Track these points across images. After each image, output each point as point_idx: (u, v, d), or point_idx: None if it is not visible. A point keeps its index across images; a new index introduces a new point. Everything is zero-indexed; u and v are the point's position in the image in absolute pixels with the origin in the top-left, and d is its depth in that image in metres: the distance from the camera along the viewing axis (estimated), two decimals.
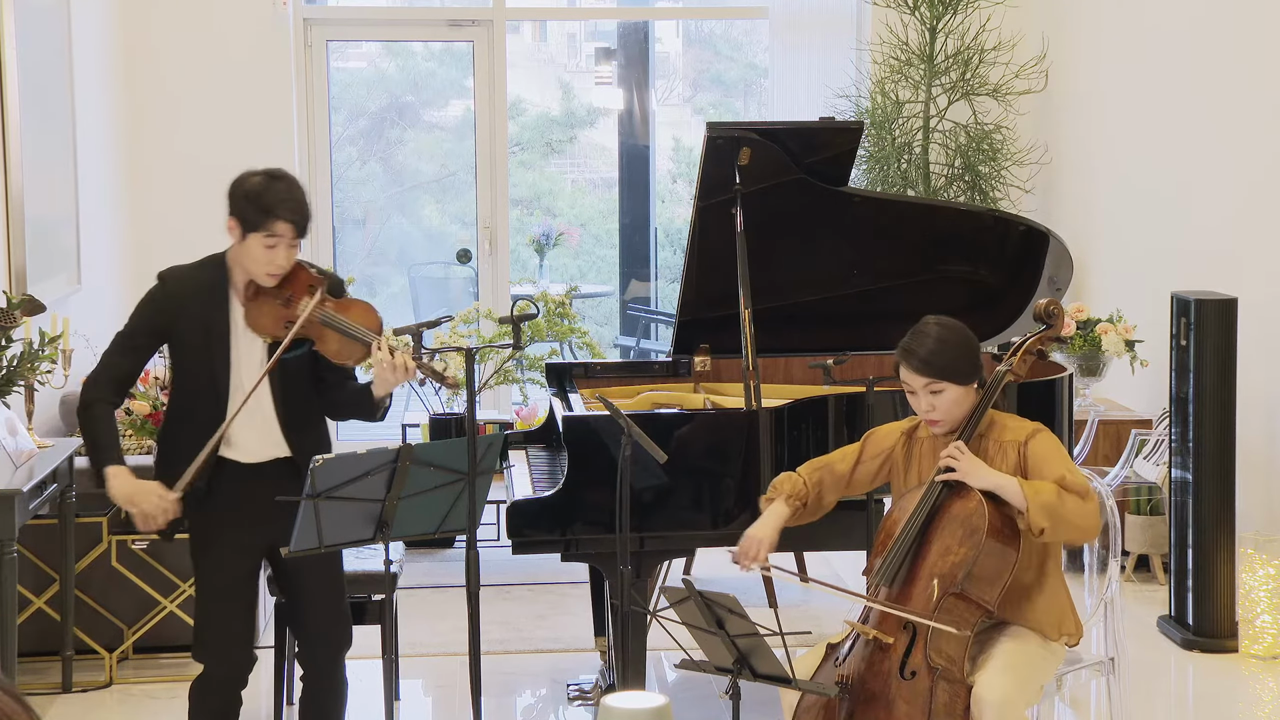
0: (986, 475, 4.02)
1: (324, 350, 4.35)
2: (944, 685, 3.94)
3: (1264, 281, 6.42)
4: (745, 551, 4.20)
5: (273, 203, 4.27)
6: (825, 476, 4.29)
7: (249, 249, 4.30)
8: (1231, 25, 6.76)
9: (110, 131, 8.02)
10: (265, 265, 4.30)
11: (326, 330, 4.34)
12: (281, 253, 4.29)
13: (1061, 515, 3.96)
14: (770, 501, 4.28)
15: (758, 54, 11.12)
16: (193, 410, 4.37)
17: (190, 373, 4.38)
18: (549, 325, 7.78)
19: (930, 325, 4.16)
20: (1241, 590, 6.01)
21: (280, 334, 4.33)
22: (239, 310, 4.36)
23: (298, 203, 4.30)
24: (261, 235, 4.27)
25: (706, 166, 5.32)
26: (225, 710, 4.46)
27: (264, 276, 4.32)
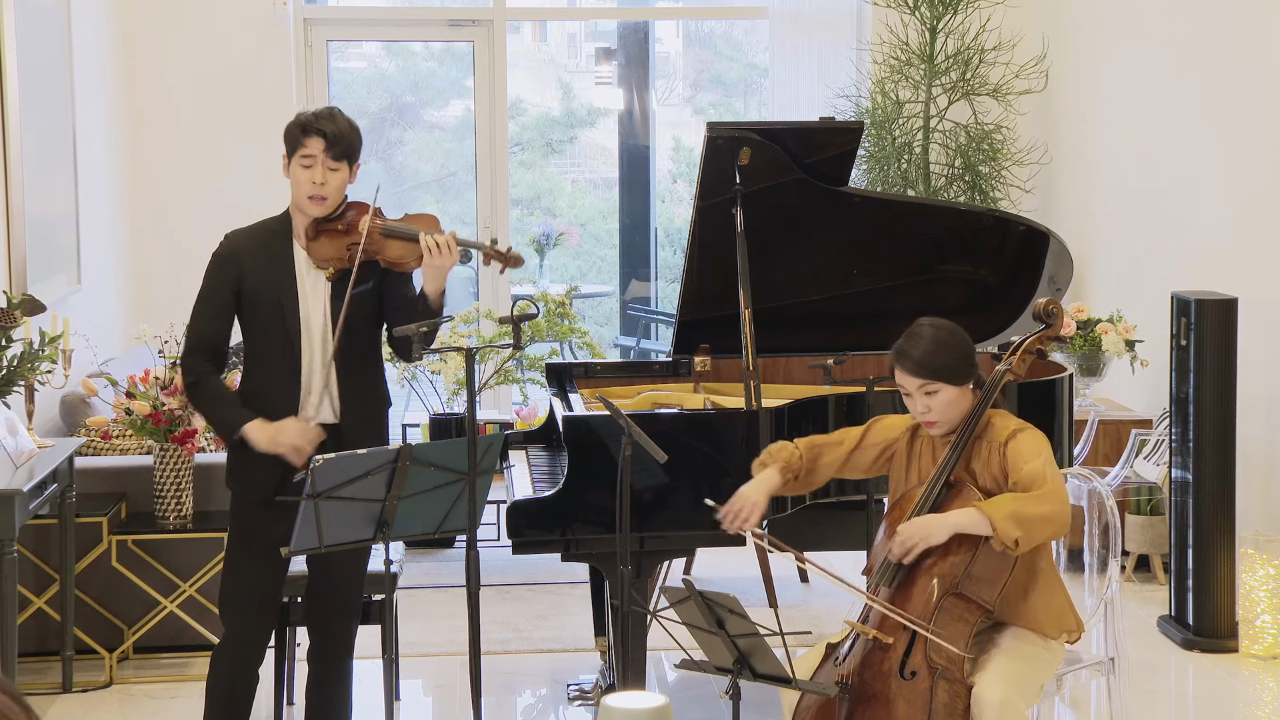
0: (940, 527, 3.98)
1: (386, 257, 4.44)
2: (944, 685, 3.94)
3: (1264, 281, 6.42)
4: (736, 511, 4.20)
5: (307, 120, 4.44)
6: (822, 453, 4.29)
7: (293, 176, 4.45)
8: (1231, 25, 6.76)
9: (110, 131, 8.02)
10: (306, 187, 4.41)
11: (387, 240, 4.45)
12: (319, 171, 4.40)
13: (1028, 521, 3.91)
14: (763, 467, 4.28)
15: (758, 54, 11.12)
16: (267, 360, 4.44)
17: (259, 319, 4.44)
18: (549, 325, 7.78)
19: (924, 327, 4.16)
20: (1241, 590, 6.01)
21: (343, 257, 4.43)
22: (301, 254, 4.46)
23: (333, 120, 4.44)
24: (299, 156, 4.42)
25: (706, 166, 5.32)
26: (241, 679, 4.52)
27: (306, 202, 4.41)
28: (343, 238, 4.45)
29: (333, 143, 4.41)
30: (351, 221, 4.47)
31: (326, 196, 4.42)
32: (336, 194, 4.45)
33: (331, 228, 4.46)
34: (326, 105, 4.58)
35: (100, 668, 5.81)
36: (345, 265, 4.44)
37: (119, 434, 6.16)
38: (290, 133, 4.48)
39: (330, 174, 4.42)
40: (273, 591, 4.54)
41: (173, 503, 5.77)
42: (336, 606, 4.59)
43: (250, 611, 4.49)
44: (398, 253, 4.46)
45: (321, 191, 4.41)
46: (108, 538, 5.80)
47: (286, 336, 4.42)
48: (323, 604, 4.60)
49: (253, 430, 4.38)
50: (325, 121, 4.43)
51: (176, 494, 5.77)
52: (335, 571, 4.54)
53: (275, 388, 4.43)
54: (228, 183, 8.33)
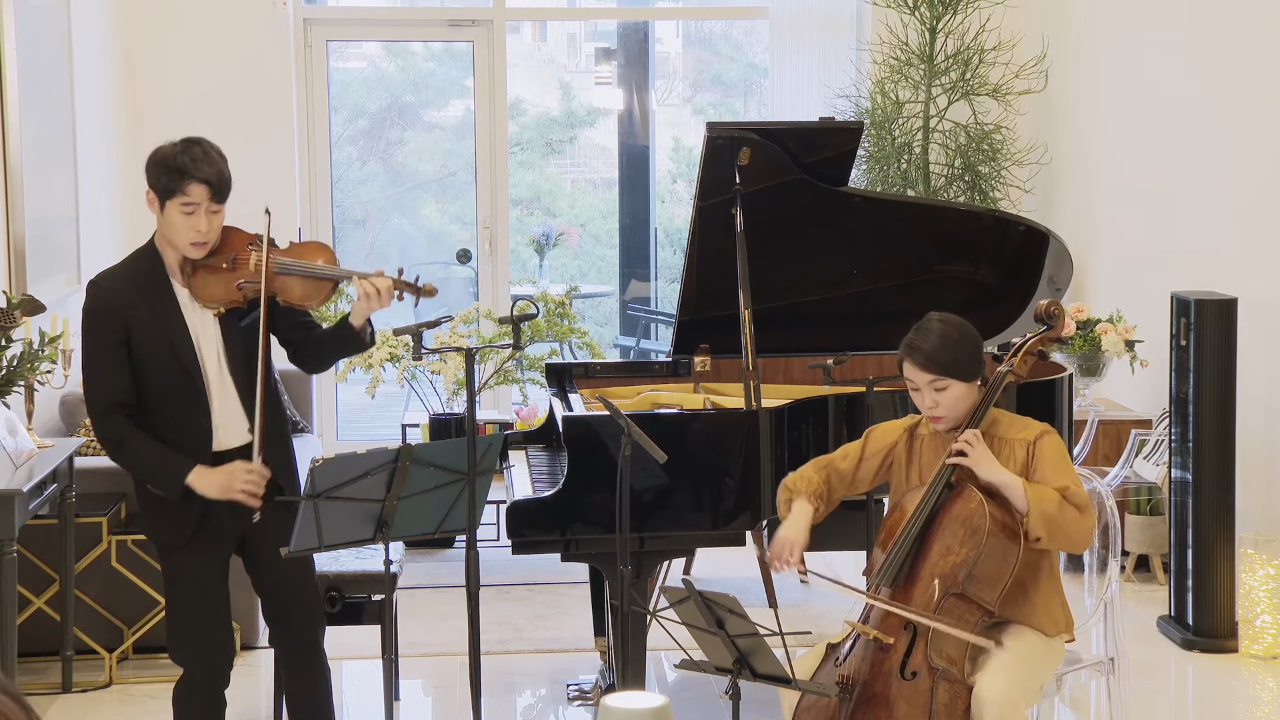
0: (995, 470, 4.03)
1: (288, 298, 4.26)
2: (944, 685, 3.94)
3: (1264, 281, 6.42)
4: (778, 554, 4.18)
5: (186, 164, 4.20)
6: (831, 474, 4.29)
7: (169, 220, 4.20)
8: (1231, 25, 6.76)
9: (110, 132, 8.02)
10: (187, 234, 4.18)
11: (287, 279, 4.26)
12: (201, 219, 4.18)
13: (1059, 526, 3.98)
14: (789, 503, 4.26)
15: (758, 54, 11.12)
16: (166, 403, 4.25)
17: (154, 365, 4.23)
18: (549, 325, 7.78)
19: (934, 322, 4.16)
20: (1241, 590, 6.01)
21: (235, 297, 4.24)
22: (182, 292, 4.26)
23: (212, 164, 4.22)
24: (178, 202, 4.18)
25: (706, 166, 5.32)
26: (210, 712, 4.42)
27: (188, 247, 4.20)
28: (228, 275, 4.24)
29: (217, 189, 4.21)
30: (235, 256, 4.25)
31: (208, 241, 4.23)
32: (217, 235, 4.25)
33: (211, 264, 4.25)
34: (193, 140, 4.28)
35: (100, 668, 5.81)
36: (236, 305, 4.25)
37: None
38: (163, 175, 4.19)
39: (212, 217, 4.21)
40: (221, 624, 4.39)
41: None
42: (296, 622, 4.45)
43: (203, 648, 4.36)
44: (299, 292, 4.27)
45: (204, 238, 4.21)
46: (107, 538, 5.80)
47: (187, 377, 4.23)
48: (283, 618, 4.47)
49: (200, 480, 4.21)
50: (204, 166, 4.19)
51: None
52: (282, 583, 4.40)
53: (185, 428, 4.25)
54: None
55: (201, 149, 4.25)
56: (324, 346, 4.43)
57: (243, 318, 4.27)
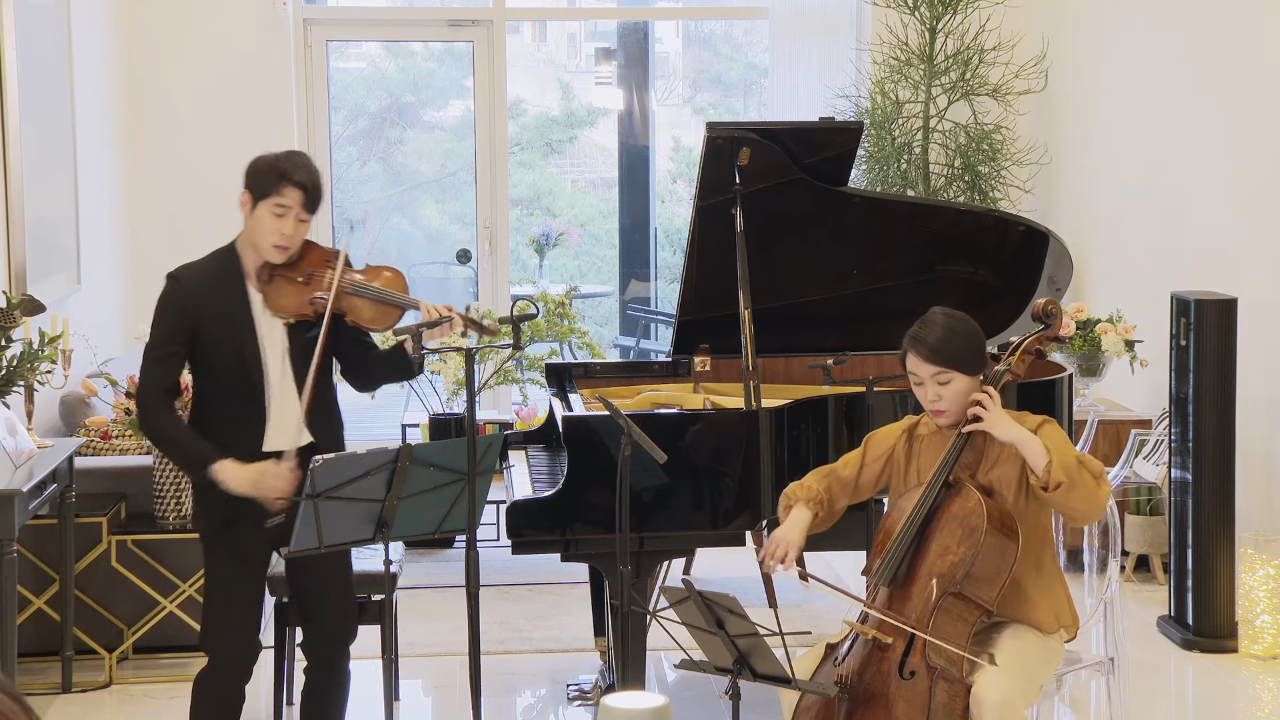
0: (1011, 428, 4.03)
1: (357, 319, 4.39)
2: (943, 685, 3.94)
3: (1264, 281, 6.42)
4: (772, 553, 4.18)
5: (287, 168, 4.31)
6: (833, 483, 4.29)
7: (258, 220, 4.32)
8: (1231, 25, 6.76)
9: (110, 131, 8.02)
10: (273, 235, 4.30)
11: (357, 300, 4.38)
12: (290, 222, 4.30)
13: (1077, 479, 3.97)
14: (788, 510, 4.26)
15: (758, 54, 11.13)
16: (224, 400, 4.35)
17: (219, 361, 4.35)
18: (549, 325, 7.78)
19: (939, 315, 4.17)
20: (1241, 590, 6.01)
21: (306, 311, 4.35)
22: (256, 297, 4.37)
23: (311, 173, 4.34)
24: (271, 202, 4.29)
25: (706, 166, 5.32)
26: (228, 704, 4.46)
27: (271, 250, 4.32)
28: (303, 288, 4.35)
29: (310, 196, 4.32)
30: (312, 272, 4.36)
31: (291, 246, 4.33)
32: (299, 244, 4.36)
33: (288, 275, 4.36)
34: (295, 150, 4.42)
35: (100, 668, 5.81)
36: (306, 318, 4.35)
37: (119, 434, 6.16)
38: (264, 177, 4.31)
39: (300, 225, 4.32)
40: (251, 618, 4.45)
41: (172, 503, 5.78)
42: (333, 621, 4.52)
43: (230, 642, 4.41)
44: (369, 315, 4.39)
45: (289, 242, 4.32)
46: (107, 538, 5.80)
47: (248, 377, 4.33)
48: (318, 620, 4.53)
49: (225, 472, 4.27)
50: (303, 173, 4.30)
51: (176, 494, 5.77)
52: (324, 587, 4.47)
53: (240, 426, 4.34)
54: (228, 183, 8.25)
55: (303, 159, 4.38)
56: (375, 367, 4.55)
57: (309, 329, 4.36)
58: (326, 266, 4.37)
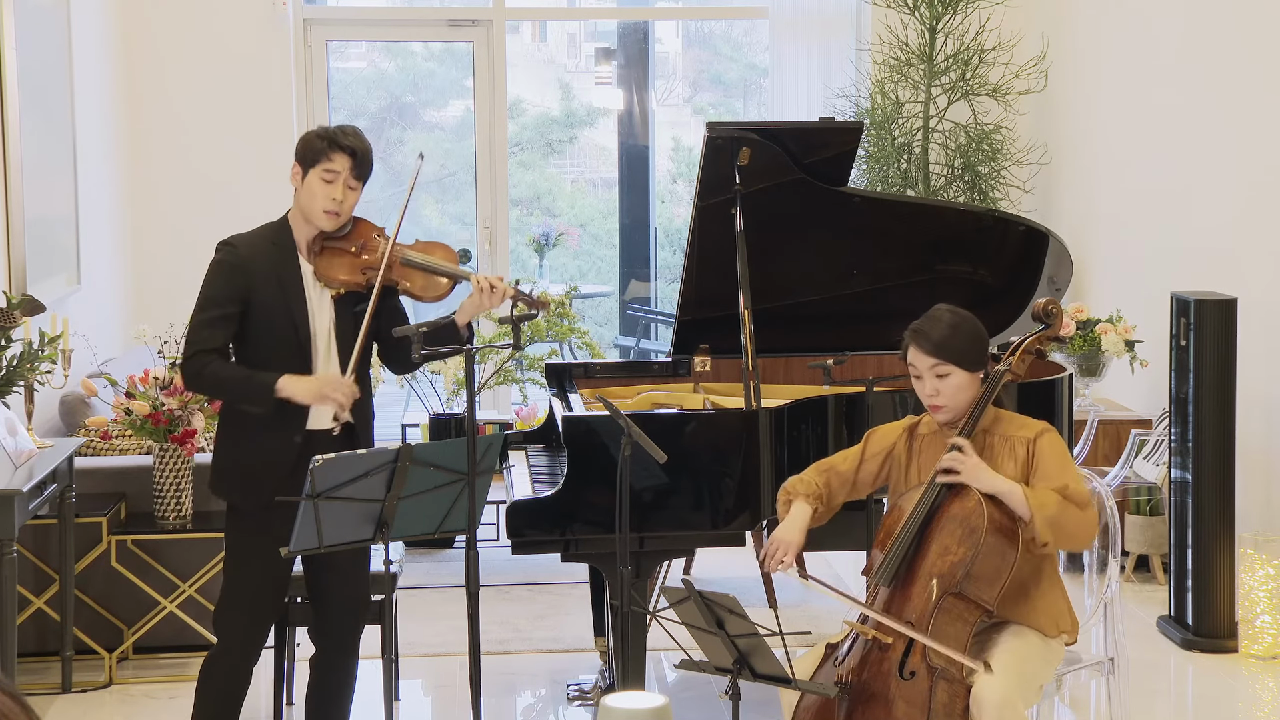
0: (990, 479, 4.03)
1: (409, 288, 4.45)
2: (943, 685, 3.94)
3: (1264, 281, 6.42)
4: (772, 554, 4.19)
5: (336, 135, 4.40)
6: (831, 478, 4.29)
7: (308, 187, 4.39)
8: (1231, 25, 6.77)
9: (110, 131, 8.02)
10: (324, 201, 4.37)
11: (410, 270, 4.45)
12: (340, 188, 4.37)
13: (1062, 527, 3.99)
14: (788, 504, 4.26)
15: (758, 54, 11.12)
16: (272, 368, 4.36)
17: (269, 331, 4.39)
18: (549, 325, 7.78)
19: (942, 310, 4.19)
20: (1241, 590, 6.01)
21: (358, 280, 4.41)
22: (306, 268, 4.42)
23: (360, 140, 4.42)
24: (321, 169, 4.36)
25: (706, 166, 5.32)
26: (234, 686, 4.49)
27: (322, 216, 4.38)
28: (354, 260, 4.43)
29: (360, 162, 4.39)
30: (365, 243, 4.45)
31: (341, 213, 4.41)
32: (349, 213, 4.44)
33: (340, 246, 4.44)
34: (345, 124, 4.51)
35: (100, 668, 5.81)
36: (357, 288, 4.42)
37: (119, 434, 6.16)
38: (312, 145, 4.40)
39: (349, 192, 4.40)
40: (266, 601, 4.49)
41: (172, 503, 5.77)
42: (345, 613, 4.56)
43: (244, 620, 4.45)
44: (420, 284, 4.47)
45: (339, 208, 4.39)
46: (107, 538, 5.80)
47: (299, 350, 4.39)
48: (330, 611, 4.56)
49: (292, 383, 4.31)
50: (353, 139, 4.40)
51: (176, 494, 5.77)
52: (340, 579, 4.51)
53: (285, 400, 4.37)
54: (228, 182, 8.33)
55: (353, 129, 4.47)
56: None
57: (357, 302, 4.42)
58: (378, 238, 4.45)
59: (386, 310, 4.50)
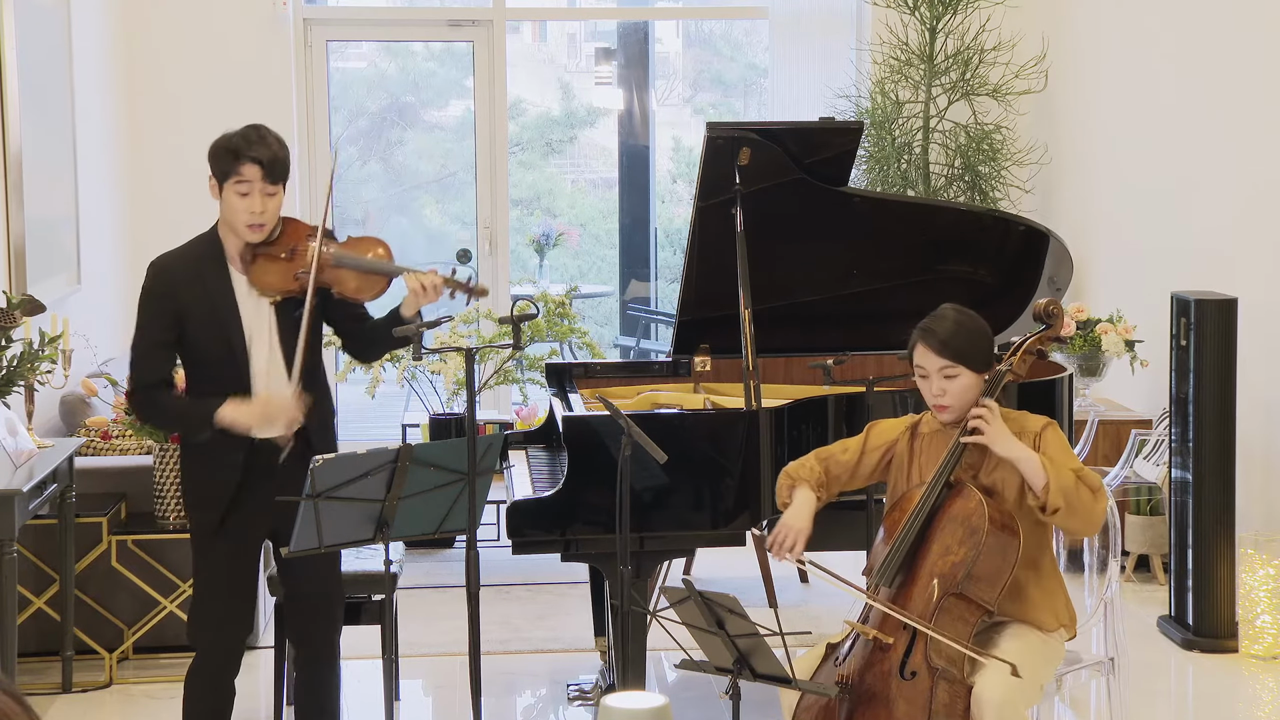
0: (1011, 444, 4.03)
1: (343, 291, 4.37)
2: (944, 685, 3.94)
3: (1264, 281, 6.42)
4: (781, 541, 4.17)
5: (239, 145, 4.30)
6: (832, 465, 4.29)
7: (227, 202, 4.31)
8: (1231, 25, 6.76)
9: (110, 131, 8.02)
10: (244, 215, 4.28)
11: (341, 271, 4.36)
12: (256, 199, 4.28)
13: (1073, 502, 3.97)
14: (791, 489, 4.26)
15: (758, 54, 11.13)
16: (213, 389, 4.33)
17: (204, 349, 4.35)
18: (549, 325, 7.78)
19: (950, 310, 4.19)
20: (1241, 590, 6.01)
21: (292, 287, 4.34)
22: (240, 279, 4.36)
23: (266, 146, 4.30)
24: (233, 182, 4.28)
25: (706, 166, 5.32)
26: (220, 701, 4.46)
27: (245, 229, 4.30)
28: (286, 265, 4.34)
29: (269, 169, 4.29)
30: (295, 247, 4.35)
31: (265, 224, 4.32)
32: (274, 218, 4.35)
33: (271, 253, 4.35)
34: (251, 125, 4.36)
35: (100, 668, 5.81)
36: (293, 294, 4.34)
37: (119, 434, 6.16)
38: (220, 158, 4.31)
39: (268, 200, 4.30)
40: (239, 611, 4.46)
41: (172, 503, 5.77)
42: (312, 614, 4.52)
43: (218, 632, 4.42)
44: (354, 285, 4.37)
45: (261, 219, 4.31)
46: (107, 538, 5.80)
47: (235, 364, 4.33)
48: (300, 612, 4.54)
49: (233, 411, 4.26)
50: (259, 147, 4.29)
51: (176, 494, 5.77)
52: (307, 579, 4.48)
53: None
54: None
55: (257, 132, 4.35)
56: (377, 332, 4.51)
57: (297, 307, 4.35)
58: (309, 241, 4.35)
59: (335, 305, 4.43)
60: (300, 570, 4.45)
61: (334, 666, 4.60)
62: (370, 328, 4.53)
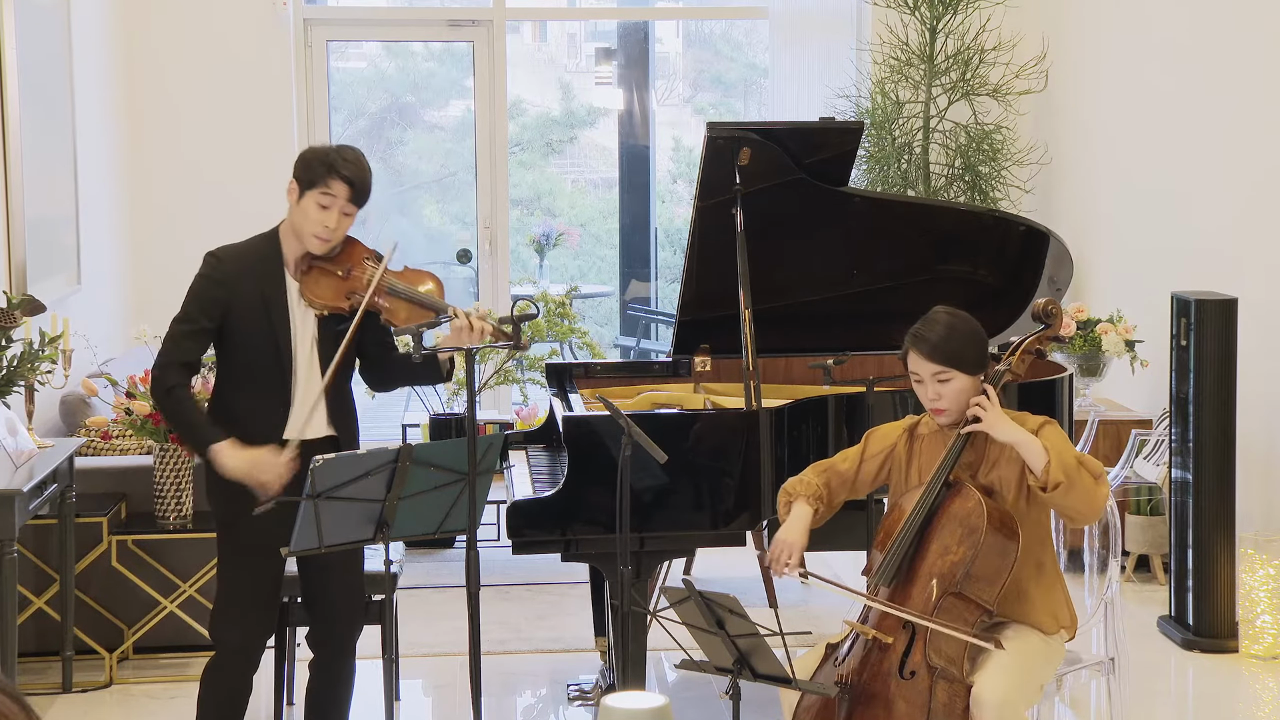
0: (1010, 429, 4.03)
1: (391, 319, 4.42)
2: (943, 685, 3.94)
3: (1264, 281, 6.42)
4: (777, 557, 4.18)
5: (336, 161, 4.35)
6: (831, 478, 4.28)
7: (304, 209, 4.35)
8: (1231, 25, 6.77)
9: (110, 131, 8.02)
10: (317, 226, 4.34)
11: (395, 300, 4.42)
12: (334, 215, 4.34)
13: (1075, 478, 3.96)
14: (788, 506, 4.26)
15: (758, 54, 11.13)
16: (252, 381, 4.37)
17: (249, 346, 4.38)
18: (549, 325, 7.78)
19: (941, 314, 4.18)
20: (1241, 590, 6.01)
21: (341, 305, 4.39)
22: (293, 285, 4.40)
23: (360, 168, 4.37)
24: (318, 192, 4.33)
25: (706, 166, 5.32)
26: (236, 694, 4.48)
27: (313, 240, 4.35)
28: (341, 283, 4.40)
29: (358, 192, 4.36)
30: (353, 268, 4.41)
31: (333, 240, 4.38)
32: (341, 238, 4.41)
33: (327, 267, 4.40)
34: (348, 145, 4.45)
35: (100, 668, 5.81)
36: (340, 311, 4.40)
37: (119, 434, 6.16)
38: (312, 167, 4.35)
39: (343, 219, 4.37)
40: (261, 608, 4.49)
41: (173, 503, 5.77)
42: (340, 616, 4.55)
43: (239, 629, 4.44)
44: (403, 314, 4.43)
45: (330, 235, 4.36)
46: (108, 538, 5.80)
47: (278, 366, 4.37)
48: (326, 614, 4.56)
49: (222, 454, 4.31)
50: (353, 168, 4.35)
51: (176, 494, 5.77)
52: (334, 581, 4.51)
53: (263, 411, 4.38)
54: (228, 183, 8.33)
55: (354, 153, 4.41)
56: (396, 368, 4.61)
57: (340, 322, 4.40)
58: (367, 264, 4.42)
59: (371, 329, 4.48)
60: (324, 571, 4.47)
61: (352, 669, 4.62)
62: (393, 359, 4.59)
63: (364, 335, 4.47)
